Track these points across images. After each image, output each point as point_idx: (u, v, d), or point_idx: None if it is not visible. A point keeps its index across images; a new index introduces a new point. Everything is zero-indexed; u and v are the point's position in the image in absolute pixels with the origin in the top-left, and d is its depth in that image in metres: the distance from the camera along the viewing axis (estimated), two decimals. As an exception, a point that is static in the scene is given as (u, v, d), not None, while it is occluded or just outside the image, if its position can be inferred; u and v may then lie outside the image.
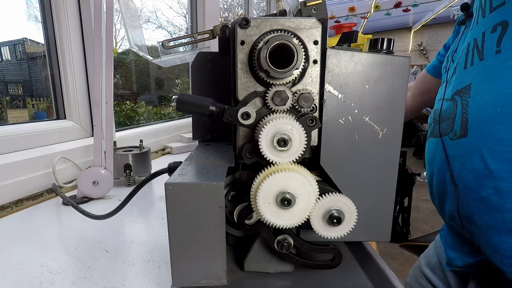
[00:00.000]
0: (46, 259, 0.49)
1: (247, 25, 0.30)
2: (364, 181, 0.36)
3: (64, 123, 0.92)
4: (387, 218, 0.37)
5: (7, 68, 1.47)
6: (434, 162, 0.56)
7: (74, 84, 0.91)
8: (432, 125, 0.57)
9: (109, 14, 0.70)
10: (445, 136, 0.52)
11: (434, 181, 0.56)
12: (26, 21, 1.24)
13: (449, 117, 0.52)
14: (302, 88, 0.32)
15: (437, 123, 0.55)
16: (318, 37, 0.31)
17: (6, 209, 0.68)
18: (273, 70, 0.29)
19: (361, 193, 0.36)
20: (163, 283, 0.42)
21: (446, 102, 0.53)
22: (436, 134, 0.55)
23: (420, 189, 3.37)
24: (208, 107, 0.33)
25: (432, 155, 0.56)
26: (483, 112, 0.45)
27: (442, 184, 0.54)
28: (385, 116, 0.34)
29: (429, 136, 0.59)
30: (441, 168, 0.53)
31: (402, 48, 6.23)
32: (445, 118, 0.53)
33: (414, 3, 3.92)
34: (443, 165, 0.52)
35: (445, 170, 0.51)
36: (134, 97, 2.05)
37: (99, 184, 0.73)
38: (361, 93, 0.33)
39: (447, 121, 0.52)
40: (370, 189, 0.36)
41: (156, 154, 1.22)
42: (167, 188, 0.29)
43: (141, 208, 0.69)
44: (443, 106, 0.54)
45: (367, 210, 0.36)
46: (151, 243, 0.54)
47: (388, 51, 0.35)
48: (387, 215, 0.37)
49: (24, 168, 0.72)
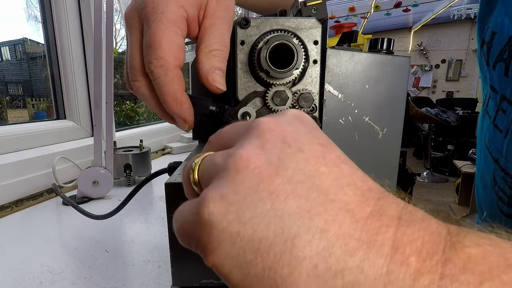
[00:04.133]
0: (46, 259, 0.49)
1: (247, 25, 0.30)
2: (364, 181, 0.35)
3: (64, 123, 0.92)
4: (387, 218, 0.37)
5: (7, 68, 1.47)
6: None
7: (74, 84, 0.91)
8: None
9: (109, 14, 0.70)
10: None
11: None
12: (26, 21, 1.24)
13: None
14: (302, 88, 0.32)
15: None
16: (318, 37, 0.31)
17: (6, 209, 0.68)
18: (273, 70, 0.29)
19: (361, 193, 0.36)
20: (163, 283, 0.42)
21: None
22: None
23: (420, 189, 3.37)
24: (208, 107, 0.33)
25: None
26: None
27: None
28: (385, 116, 0.34)
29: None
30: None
31: (402, 48, 6.23)
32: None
33: (414, 3, 3.92)
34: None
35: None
36: (134, 97, 2.05)
37: (99, 184, 0.73)
38: (361, 93, 0.33)
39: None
40: (370, 189, 0.36)
41: (156, 154, 1.22)
42: (167, 188, 0.29)
43: (141, 208, 0.69)
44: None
45: (367, 210, 0.36)
46: (151, 243, 0.54)
47: (388, 51, 0.35)
48: (387, 215, 0.37)
49: (24, 168, 0.72)
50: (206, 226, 0.14)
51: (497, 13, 0.44)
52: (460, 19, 4.58)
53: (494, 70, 0.45)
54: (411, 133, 4.57)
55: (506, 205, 0.47)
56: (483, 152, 0.53)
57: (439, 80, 6.33)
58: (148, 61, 0.23)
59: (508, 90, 0.43)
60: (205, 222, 0.14)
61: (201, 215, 0.14)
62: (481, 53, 0.48)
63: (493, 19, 0.45)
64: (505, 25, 0.42)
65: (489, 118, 0.49)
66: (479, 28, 0.49)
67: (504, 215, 0.47)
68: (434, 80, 6.33)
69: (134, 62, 0.24)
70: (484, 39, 0.47)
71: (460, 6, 4.25)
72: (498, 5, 0.44)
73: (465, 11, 4.26)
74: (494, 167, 0.48)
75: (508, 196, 0.45)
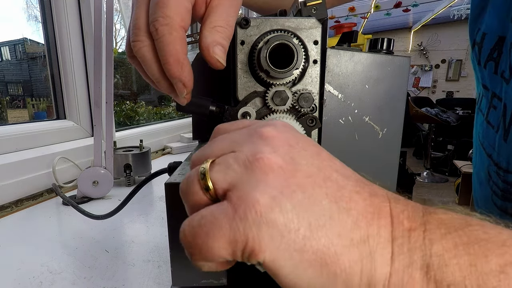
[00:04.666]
0: (46, 259, 0.49)
1: (247, 25, 0.30)
2: (364, 181, 0.36)
3: (64, 123, 0.92)
4: (387, 218, 0.37)
5: (7, 68, 1.47)
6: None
7: (74, 84, 0.91)
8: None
9: (109, 14, 0.70)
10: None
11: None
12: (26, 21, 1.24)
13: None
14: (302, 88, 0.32)
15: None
16: (318, 37, 0.31)
17: (6, 209, 0.68)
18: (273, 70, 0.29)
19: (361, 193, 0.36)
20: (163, 283, 0.42)
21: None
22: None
23: (420, 189, 3.37)
24: (208, 107, 0.33)
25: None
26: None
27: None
28: (385, 116, 0.34)
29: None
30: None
31: (402, 48, 6.23)
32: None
33: (414, 3, 3.92)
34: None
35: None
36: (134, 97, 2.05)
37: (99, 184, 0.73)
38: (361, 93, 0.33)
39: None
40: (370, 189, 0.36)
41: (156, 154, 1.22)
42: (167, 188, 0.29)
43: (141, 208, 0.69)
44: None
45: (367, 210, 0.36)
46: (151, 243, 0.54)
47: (388, 51, 0.35)
48: (387, 215, 0.37)
49: (24, 168, 0.72)
50: (254, 225, 0.15)
51: (487, 15, 0.46)
52: (460, 19, 4.57)
53: (485, 68, 0.46)
54: (411, 133, 4.57)
55: (499, 199, 0.47)
56: (478, 149, 0.53)
57: (439, 80, 6.33)
58: (153, 19, 0.23)
59: (497, 87, 0.44)
60: (253, 221, 0.15)
61: (248, 216, 0.15)
62: (473, 53, 0.50)
63: (484, 21, 0.47)
64: (494, 26, 0.44)
65: (482, 116, 0.51)
66: (471, 30, 0.50)
67: (498, 208, 0.48)
68: (434, 80, 6.33)
69: (138, 22, 0.24)
70: (475, 40, 0.48)
71: (460, 6, 4.25)
72: (488, 8, 0.46)
73: (465, 11, 4.26)
74: (488, 162, 0.49)
75: (501, 190, 0.46)
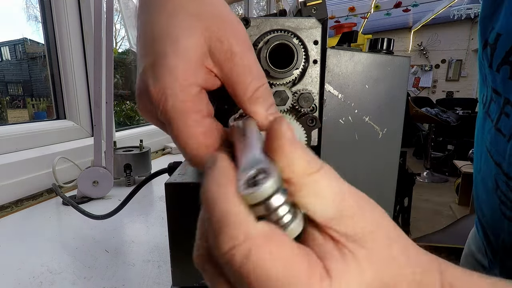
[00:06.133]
0: (46, 259, 0.49)
1: (247, 25, 0.30)
2: (364, 181, 0.36)
3: (64, 123, 0.92)
4: (387, 218, 0.37)
5: (7, 68, 1.47)
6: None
7: (74, 84, 0.91)
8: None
9: (109, 14, 0.70)
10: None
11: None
12: (26, 21, 1.24)
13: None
14: (302, 88, 0.32)
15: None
16: (318, 37, 0.31)
17: (6, 209, 0.68)
18: (273, 70, 0.29)
19: (361, 193, 0.36)
20: (163, 283, 0.42)
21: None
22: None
23: (420, 189, 3.37)
24: (208, 107, 0.33)
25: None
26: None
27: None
28: (385, 116, 0.34)
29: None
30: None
31: (402, 48, 6.23)
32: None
33: (414, 3, 3.92)
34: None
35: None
36: (134, 97, 2.05)
37: (99, 184, 0.73)
38: (361, 93, 0.33)
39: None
40: (370, 189, 0.36)
41: (156, 154, 1.22)
42: (167, 188, 0.29)
43: (141, 208, 0.69)
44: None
45: (367, 210, 0.36)
46: (151, 243, 0.54)
47: (388, 51, 0.35)
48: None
49: (24, 168, 0.72)
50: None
51: (503, 13, 0.42)
52: (460, 19, 4.58)
53: (498, 72, 0.44)
54: (411, 133, 4.57)
55: (509, 210, 0.46)
56: (484, 154, 0.51)
57: (439, 80, 6.33)
58: (188, 159, 0.21)
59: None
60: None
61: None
62: (483, 54, 0.47)
63: (498, 20, 0.43)
64: (511, 27, 0.40)
65: (491, 122, 0.48)
66: (482, 29, 0.47)
67: (507, 218, 0.47)
68: (434, 80, 6.33)
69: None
70: (488, 40, 0.45)
71: (460, 6, 4.25)
72: (504, 5, 0.42)
73: (465, 11, 4.26)
74: (496, 171, 0.47)
75: (511, 201, 0.44)
